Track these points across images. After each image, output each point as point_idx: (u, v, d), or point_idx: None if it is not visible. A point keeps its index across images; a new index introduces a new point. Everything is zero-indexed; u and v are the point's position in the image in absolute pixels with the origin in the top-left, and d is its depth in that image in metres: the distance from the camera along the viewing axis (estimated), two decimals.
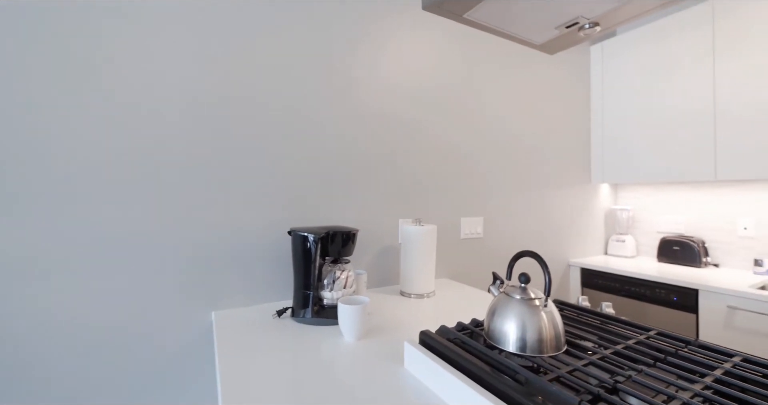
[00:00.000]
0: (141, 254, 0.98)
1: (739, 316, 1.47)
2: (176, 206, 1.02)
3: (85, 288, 0.93)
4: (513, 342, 0.68)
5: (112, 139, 0.95)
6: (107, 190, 0.95)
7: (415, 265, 1.24)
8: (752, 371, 0.63)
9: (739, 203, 1.90)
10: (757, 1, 1.63)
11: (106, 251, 0.94)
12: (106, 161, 0.95)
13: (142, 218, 0.98)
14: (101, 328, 0.94)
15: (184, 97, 1.04)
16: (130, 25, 0.97)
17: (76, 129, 0.92)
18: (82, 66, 0.92)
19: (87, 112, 0.93)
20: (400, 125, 1.43)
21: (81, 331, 0.92)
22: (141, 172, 0.98)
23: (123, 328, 0.96)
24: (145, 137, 0.99)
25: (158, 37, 1.00)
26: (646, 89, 2.02)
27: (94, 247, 0.93)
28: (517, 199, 1.85)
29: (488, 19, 1.00)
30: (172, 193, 1.02)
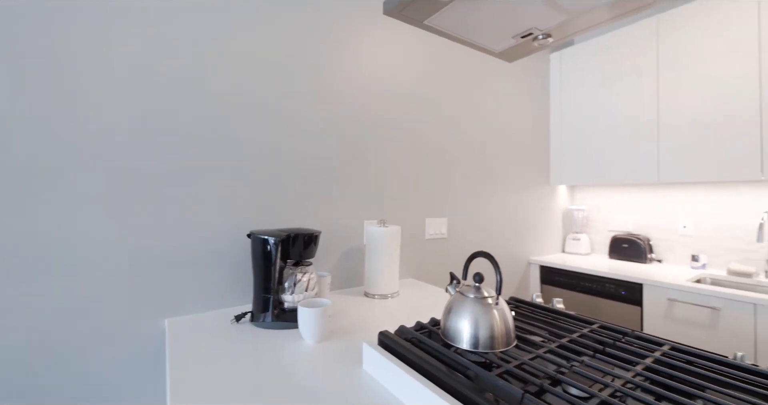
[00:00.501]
0: (82, 258, 0.92)
1: (677, 307, 1.60)
2: (123, 207, 0.97)
3: (16, 295, 0.86)
4: (467, 339, 0.71)
5: (56, 136, 0.89)
6: (42, 187, 0.88)
7: (380, 266, 1.25)
8: (678, 358, 0.69)
9: (680, 204, 2.06)
10: (697, 18, 1.78)
11: (42, 253, 0.88)
12: (46, 157, 0.88)
13: (84, 219, 0.92)
14: (35, 339, 0.88)
15: (135, 93, 0.99)
16: None
17: (13, 128, 0.85)
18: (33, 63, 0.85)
19: (30, 109, 0.86)
20: (365, 127, 1.44)
21: (11, 342, 0.86)
22: (84, 170, 0.93)
23: (61, 339, 0.90)
24: (89, 134, 0.93)
25: (112, 28, 0.95)
26: (599, 97, 2.16)
27: (27, 249, 0.87)
28: (481, 200, 1.91)
29: (448, 27, 1.03)
30: (119, 193, 0.97)
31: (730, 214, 1.88)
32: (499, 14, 0.96)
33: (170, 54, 1.03)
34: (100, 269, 0.94)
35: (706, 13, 1.74)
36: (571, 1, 0.89)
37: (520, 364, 0.66)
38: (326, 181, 1.34)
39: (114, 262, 0.96)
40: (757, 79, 1.58)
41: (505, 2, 0.90)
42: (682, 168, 1.81)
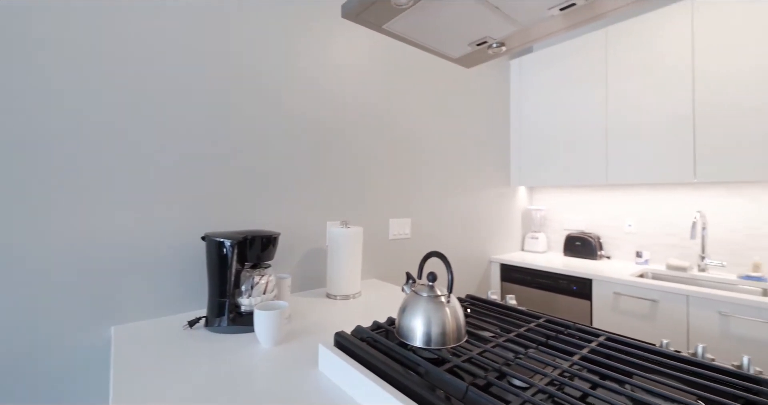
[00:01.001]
0: (15, 263, 0.86)
1: (622, 300, 1.72)
2: (63, 210, 0.91)
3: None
4: (420, 337, 0.73)
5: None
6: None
7: (342, 267, 1.25)
8: (612, 348, 0.75)
9: (626, 204, 2.22)
10: (641, 31, 1.93)
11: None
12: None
13: (20, 223, 0.86)
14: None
15: (78, 90, 0.93)
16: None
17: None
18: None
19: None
20: (327, 129, 1.44)
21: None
22: (18, 168, 0.86)
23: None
24: (24, 131, 0.86)
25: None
26: (555, 102, 2.28)
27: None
28: (444, 201, 1.96)
29: (406, 32, 1.05)
30: (58, 194, 0.90)
31: (668, 213, 2.05)
32: (455, 22, 0.99)
33: (123, 50, 0.98)
34: (35, 276, 0.88)
35: (648, 28, 1.89)
36: (520, 14, 0.94)
37: (469, 359, 0.69)
38: (288, 183, 1.32)
39: (51, 268, 0.89)
40: (691, 90, 1.74)
41: (459, 11, 0.93)
42: (627, 171, 1.95)
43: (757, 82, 1.56)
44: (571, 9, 0.91)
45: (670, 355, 0.70)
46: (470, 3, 0.89)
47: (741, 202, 1.82)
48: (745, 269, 1.80)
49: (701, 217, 1.90)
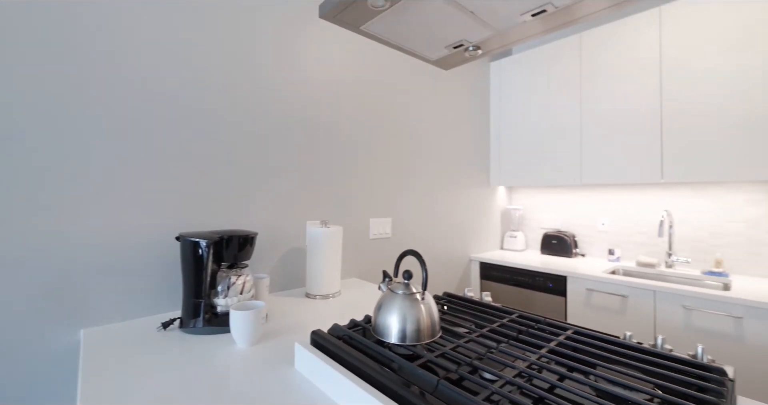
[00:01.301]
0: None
1: (594, 296, 1.79)
2: (32, 209, 0.88)
3: None
4: (395, 334, 0.74)
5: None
6: None
7: (321, 267, 1.26)
8: (579, 340, 0.78)
9: (599, 203, 2.31)
10: (613, 37, 2.00)
11: None
12: None
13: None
14: None
15: (43, 86, 0.90)
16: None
17: None
18: None
19: None
20: (308, 129, 1.44)
21: None
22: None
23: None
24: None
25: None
26: (533, 105, 2.34)
27: None
28: (425, 201, 1.99)
29: (384, 34, 1.06)
30: (26, 194, 0.87)
31: (639, 212, 2.14)
32: (431, 25, 1.01)
33: (96, 46, 0.95)
34: (8, 276, 0.84)
35: (620, 34, 1.96)
36: (494, 19, 0.96)
37: (442, 354, 0.70)
38: (267, 183, 1.31)
39: (17, 269, 0.86)
40: (659, 95, 1.82)
41: (435, 15, 0.95)
42: (600, 172, 2.02)
43: (719, 88, 1.65)
44: (543, 15, 0.94)
45: (631, 347, 0.74)
46: (446, 7, 0.91)
47: (705, 202, 1.92)
48: (708, 265, 1.90)
49: (668, 216, 1.99)
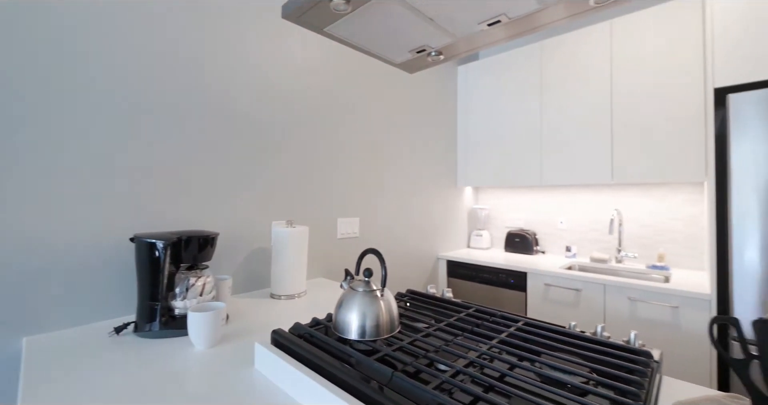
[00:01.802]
0: None
1: (552, 290, 1.89)
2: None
3: None
4: (355, 330, 0.76)
5: None
6: None
7: (286, 267, 1.25)
8: (528, 331, 0.83)
9: (558, 203, 2.44)
10: (570, 47, 2.12)
11: None
12: None
13: None
14: None
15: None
16: None
17: None
18: None
19: None
20: (275, 127, 1.42)
21: None
22: None
23: None
24: None
25: None
26: (497, 108, 2.43)
27: None
28: (393, 201, 2.02)
29: (348, 36, 1.07)
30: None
31: (593, 211, 2.28)
32: (394, 30, 1.03)
33: (34, 44, 0.90)
34: None
35: (576, 44, 2.09)
36: (453, 27, 1.00)
37: (400, 348, 0.73)
38: (231, 182, 1.29)
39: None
40: (609, 103, 1.95)
41: (397, 21, 0.97)
42: (558, 173, 2.14)
43: (661, 98, 1.79)
44: (498, 25, 0.99)
45: (573, 335, 0.80)
46: (406, 13, 0.93)
47: (650, 202, 2.08)
48: (653, 260, 2.06)
49: (618, 214, 2.14)
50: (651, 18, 1.82)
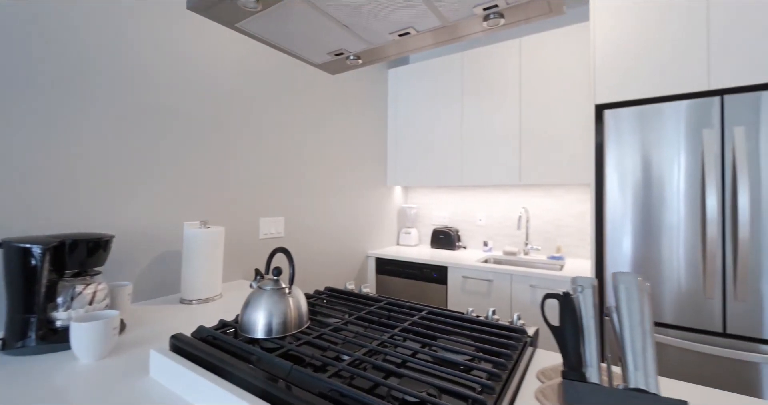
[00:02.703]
0: None
1: (468, 282, 2.06)
2: None
3: None
4: (261, 328, 0.76)
5: None
6: None
7: (198, 270, 1.19)
8: (430, 318, 0.91)
9: (477, 201, 2.65)
10: (486, 60, 2.31)
11: None
12: None
13: None
14: None
15: None
16: None
17: None
18: None
19: None
20: (191, 121, 1.34)
21: None
22: None
23: None
24: None
25: None
26: (424, 112, 2.57)
27: None
28: (322, 200, 2.02)
29: (263, 34, 1.05)
30: None
31: (506, 209, 2.52)
32: (311, 32, 1.04)
33: None
34: None
35: (491, 58, 2.29)
36: (367, 35, 1.04)
37: (306, 342, 0.75)
38: (135, 180, 1.19)
39: None
40: (518, 113, 2.18)
41: (312, 23, 0.99)
42: (476, 174, 2.33)
43: (560, 111, 2.06)
44: (407, 37, 1.05)
45: (467, 320, 0.90)
46: (321, 19, 0.95)
47: (551, 201, 2.36)
48: (552, 251, 2.35)
49: (525, 212, 2.40)
50: (553, 39, 2.08)
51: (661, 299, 1.50)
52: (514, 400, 0.64)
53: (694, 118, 1.47)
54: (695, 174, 1.46)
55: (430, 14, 0.89)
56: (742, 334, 1.37)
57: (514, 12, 0.86)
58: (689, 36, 1.53)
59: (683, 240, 1.47)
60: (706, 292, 1.42)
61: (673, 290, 1.48)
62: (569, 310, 0.48)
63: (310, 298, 1.07)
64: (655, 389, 0.40)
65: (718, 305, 1.41)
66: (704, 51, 1.51)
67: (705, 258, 1.43)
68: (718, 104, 1.43)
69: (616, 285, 0.44)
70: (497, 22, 0.90)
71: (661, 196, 1.52)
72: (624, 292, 0.43)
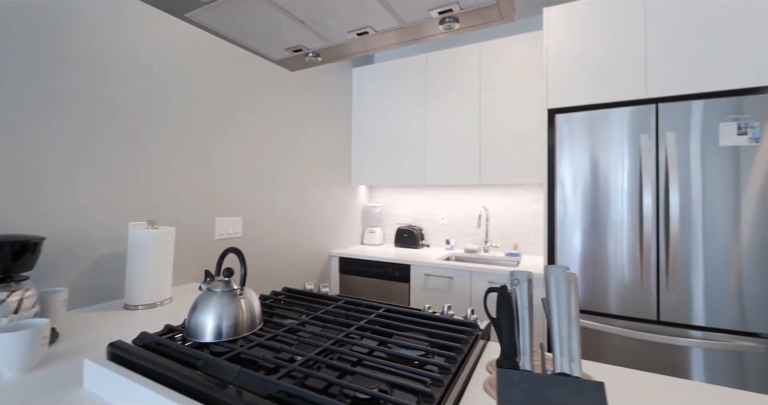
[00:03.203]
0: None
1: (430, 280, 2.10)
2: None
3: None
4: (209, 332, 0.73)
5: None
6: None
7: (145, 273, 1.12)
8: (387, 316, 0.92)
9: (440, 201, 2.71)
10: (449, 62, 2.37)
11: None
12: None
13: None
14: None
15: None
16: None
17: None
18: None
19: None
20: (143, 115, 1.25)
21: None
22: None
23: None
24: None
25: None
26: (388, 111, 2.58)
27: None
28: (284, 199, 1.98)
29: (216, 26, 1.01)
30: None
31: (467, 208, 2.60)
32: (266, 26, 1.01)
33: None
34: None
35: (453, 60, 2.35)
36: (325, 32, 1.03)
37: (258, 344, 0.73)
38: (68, 176, 1.09)
39: None
40: (478, 115, 2.25)
41: (267, 18, 0.96)
42: (438, 174, 2.38)
43: (517, 114, 2.15)
44: (367, 36, 1.05)
45: (423, 316, 0.91)
46: (276, 13, 0.93)
47: (509, 200, 2.47)
48: (510, 248, 2.45)
49: (485, 211, 2.49)
50: (510, 45, 2.17)
51: (607, 292, 1.62)
52: (464, 391, 0.66)
53: (634, 123, 1.59)
54: (635, 175, 1.58)
55: (387, 15, 0.89)
56: (674, 322, 1.50)
57: (468, 17, 0.89)
58: (630, 48, 1.66)
59: (626, 236, 1.59)
60: (643, 283, 1.55)
61: (618, 283, 1.60)
62: (505, 302, 0.50)
63: (266, 300, 1.04)
64: (578, 373, 0.43)
65: (653, 295, 1.54)
66: (642, 62, 1.64)
67: (642, 252, 1.55)
68: (653, 111, 1.56)
69: (547, 277, 0.47)
70: (452, 25, 0.92)
71: (607, 195, 1.64)
72: (553, 283, 0.46)
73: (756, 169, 1.39)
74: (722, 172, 1.44)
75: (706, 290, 1.45)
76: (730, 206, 1.42)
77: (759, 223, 1.38)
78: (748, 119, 1.41)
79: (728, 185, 1.43)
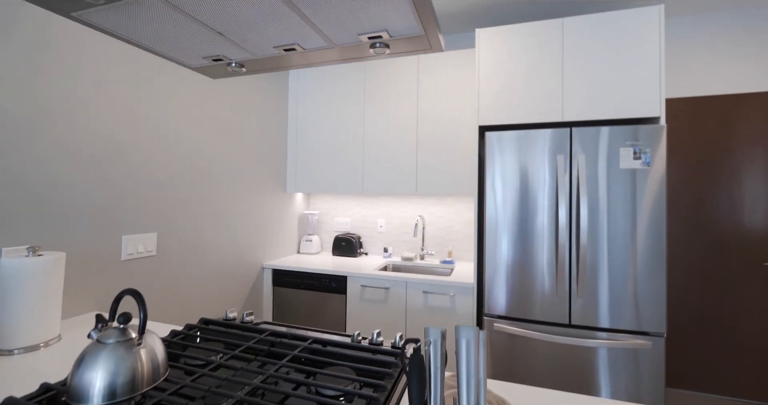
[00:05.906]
0: None
1: (367, 291, 2.10)
2: None
3: None
4: (98, 392, 0.63)
5: None
6: None
7: (24, 311, 0.94)
8: (314, 349, 0.88)
9: (378, 208, 2.72)
10: (389, 72, 2.36)
11: None
12: None
13: None
14: None
15: None
16: None
17: None
18: None
19: None
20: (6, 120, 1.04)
21: None
22: None
23: None
24: None
25: None
26: (326, 117, 2.51)
27: None
28: (206, 210, 1.82)
29: (114, 29, 0.87)
30: None
31: (404, 216, 2.64)
32: (177, 35, 0.90)
33: None
34: None
35: (391, 71, 2.36)
36: (249, 46, 0.95)
37: (158, 401, 0.65)
38: None
39: None
40: (416, 128, 2.29)
41: (178, 27, 0.85)
42: (376, 182, 2.38)
43: (452, 128, 2.22)
44: (293, 53, 0.99)
45: (350, 347, 0.89)
46: (189, 22, 0.83)
47: (444, 209, 2.56)
48: (444, 256, 2.55)
49: (421, 219, 2.55)
50: (447, 60, 2.24)
51: (532, 298, 1.74)
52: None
53: (554, 144, 1.74)
54: (553, 191, 1.73)
55: (315, 35, 0.85)
56: (582, 324, 1.67)
57: (398, 44, 0.88)
58: (550, 74, 1.81)
59: (546, 246, 1.73)
60: (558, 290, 1.71)
61: (539, 290, 1.74)
62: (417, 364, 0.50)
63: (177, 336, 0.94)
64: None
65: (566, 301, 1.70)
66: (560, 89, 1.79)
67: (557, 261, 1.71)
68: (568, 134, 1.72)
69: (458, 338, 0.48)
70: (383, 50, 0.91)
71: (530, 208, 1.76)
72: (464, 345, 0.47)
73: (648, 190, 1.60)
74: (623, 191, 1.63)
75: (610, 295, 1.64)
76: (628, 221, 1.62)
77: (649, 237, 1.59)
78: (642, 145, 1.62)
79: (627, 203, 1.62)
